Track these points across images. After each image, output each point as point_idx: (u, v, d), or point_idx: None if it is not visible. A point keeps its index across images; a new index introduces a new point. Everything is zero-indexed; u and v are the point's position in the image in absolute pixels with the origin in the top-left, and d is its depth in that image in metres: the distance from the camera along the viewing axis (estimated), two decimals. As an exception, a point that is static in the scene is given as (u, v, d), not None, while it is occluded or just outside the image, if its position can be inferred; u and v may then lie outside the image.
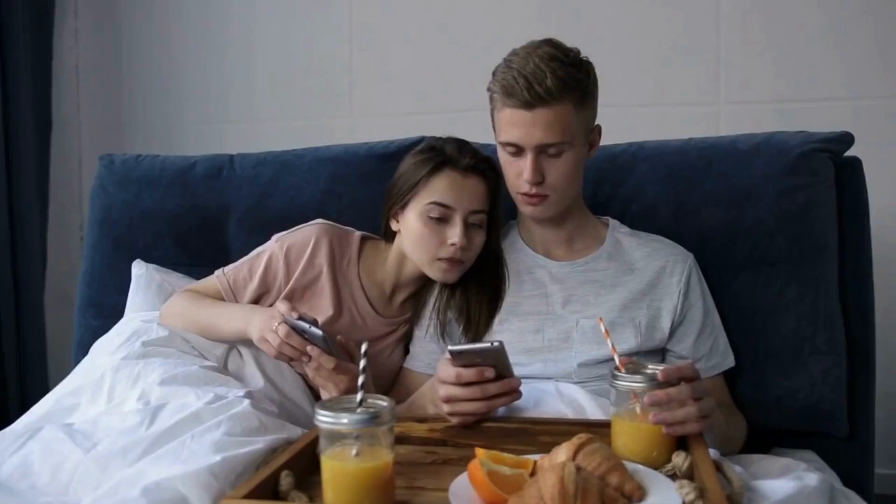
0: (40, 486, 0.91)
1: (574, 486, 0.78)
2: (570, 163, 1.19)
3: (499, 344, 1.00)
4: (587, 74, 1.19)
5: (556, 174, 1.19)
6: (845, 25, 2.25)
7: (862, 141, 1.43)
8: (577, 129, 1.18)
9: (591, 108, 1.21)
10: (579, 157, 1.21)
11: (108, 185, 1.74)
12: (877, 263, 1.45)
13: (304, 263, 1.31)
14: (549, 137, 1.16)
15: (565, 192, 1.22)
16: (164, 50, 2.79)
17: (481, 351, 1.02)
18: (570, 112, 1.16)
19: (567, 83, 1.14)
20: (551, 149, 1.17)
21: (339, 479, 0.84)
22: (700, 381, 0.98)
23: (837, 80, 2.26)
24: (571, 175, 1.20)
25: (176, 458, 0.89)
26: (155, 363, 1.13)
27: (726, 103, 2.39)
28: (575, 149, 1.19)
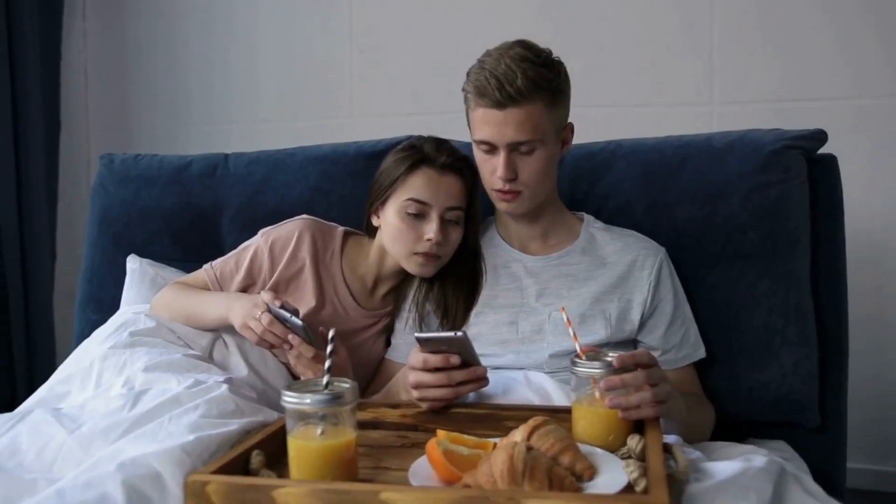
0: (26, 463, 0.97)
1: (523, 464, 0.82)
2: (542, 160, 1.23)
3: (462, 334, 1.04)
4: (558, 74, 1.23)
5: (528, 171, 1.23)
6: (842, 24, 2.27)
7: (863, 139, 1.43)
8: (549, 127, 1.22)
9: (562, 107, 1.25)
10: (551, 154, 1.25)
11: (107, 183, 1.80)
12: (852, 260, 1.48)
13: (288, 257, 1.36)
14: (521, 136, 1.20)
15: (538, 189, 1.26)
16: (169, 52, 2.86)
17: (447, 339, 1.06)
18: (541, 111, 1.20)
19: (537, 83, 1.18)
20: (523, 146, 1.22)
21: (303, 457, 0.88)
22: (657, 368, 1.01)
23: (833, 79, 2.28)
24: (544, 172, 1.24)
25: (153, 438, 0.94)
26: (141, 352, 1.19)
27: (720, 103, 2.42)
28: (546, 146, 1.23)
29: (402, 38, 2.65)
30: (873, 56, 2.24)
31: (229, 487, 0.83)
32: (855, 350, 1.48)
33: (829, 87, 2.28)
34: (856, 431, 1.52)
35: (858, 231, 1.83)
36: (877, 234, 2.20)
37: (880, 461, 2.29)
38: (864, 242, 2.12)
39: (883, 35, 2.23)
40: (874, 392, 2.21)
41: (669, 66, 2.43)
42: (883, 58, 2.23)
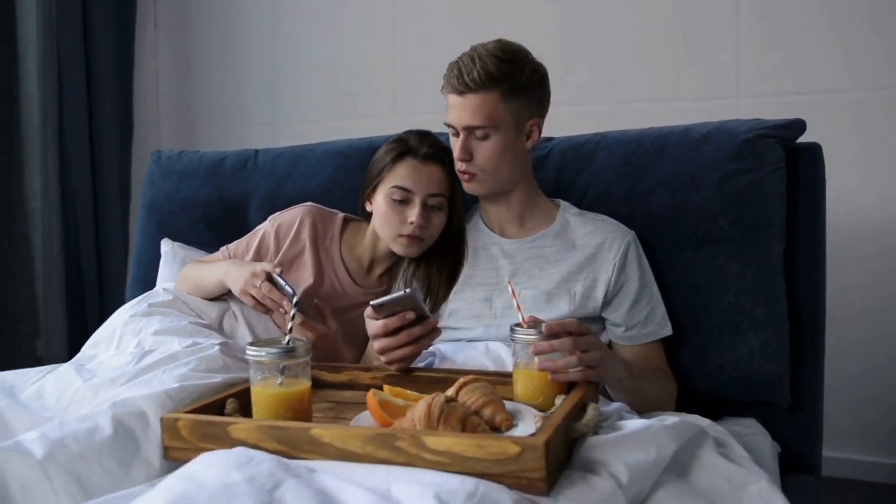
0: (48, 406, 1.15)
1: (438, 411, 0.95)
2: (497, 146, 1.34)
3: (411, 290, 1.17)
4: (520, 71, 1.32)
5: (483, 155, 1.34)
6: (872, 15, 2.26)
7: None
8: (504, 117, 1.32)
9: (523, 102, 1.34)
10: (508, 143, 1.35)
11: (155, 177, 2.02)
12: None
13: (291, 239, 1.52)
14: (475, 121, 1.32)
15: (493, 173, 1.37)
16: (229, 58, 3.10)
17: (398, 299, 1.18)
18: (497, 101, 1.31)
19: (493, 75, 1.29)
20: (478, 131, 1.33)
21: (261, 402, 1.03)
22: (588, 337, 1.10)
23: (861, 70, 2.27)
24: (498, 158, 1.35)
25: (147, 385, 1.11)
26: (154, 320, 1.37)
27: (745, 96, 2.44)
28: (501, 134, 1.33)
29: (442, 39, 2.78)
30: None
31: (195, 423, 0.98)
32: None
33: (858, 77, 2.28)
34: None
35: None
36: None
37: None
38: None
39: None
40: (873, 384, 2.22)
41: (695, 60, 2.47)
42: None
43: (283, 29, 3.01)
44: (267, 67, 3.04)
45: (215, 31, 3.13)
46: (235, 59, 3.09)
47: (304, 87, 2.98)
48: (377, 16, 2.86)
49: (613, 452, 0.92)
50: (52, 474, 0.91)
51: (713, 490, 0.97)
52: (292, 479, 0.78)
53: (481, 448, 0.85)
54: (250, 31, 3.06)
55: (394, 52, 2.84)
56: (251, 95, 3.07)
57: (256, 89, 3.05)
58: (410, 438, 0.88)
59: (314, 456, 0.91)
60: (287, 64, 3.00)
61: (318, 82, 2.97)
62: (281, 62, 3.01)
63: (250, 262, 1.44)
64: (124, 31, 3.01)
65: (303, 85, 2.99)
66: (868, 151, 2.27)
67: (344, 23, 2.92)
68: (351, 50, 2.91)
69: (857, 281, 2.26)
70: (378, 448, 0.89)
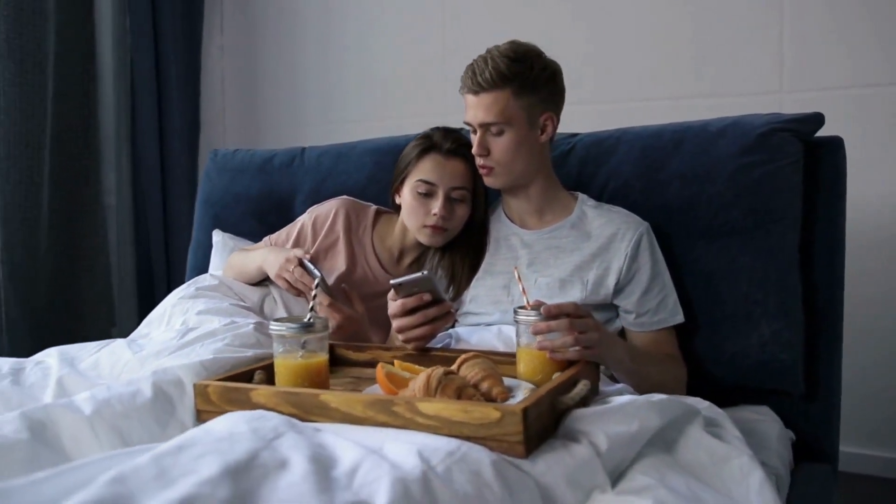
0: (102, 375, 1.30)
1: (436, 382, 1.03)
2: (511, 141, 1.41)
3: (428, 272, 1.26)
4: (530, 69, 1.40)
5: (498, 150, 1.42)
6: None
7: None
8: (517, 113, 1.40)
9: (534, 98, 1.41)
10: (521, 137, 1.42)
11: (211, 173, 2.17)
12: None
13: (326, 229, 1.63)
14: (489, 117, 1.40)
15: (509, 167, 1.44)
16: (290, 61, 3.26)
17: (416, 280, 1.27)
18: (509, 98, 1.39)
19: (504, 75, 1.37)
20: (493, 127, 1.41)
21: (282, 372, 1.14)
22: (586, 319, 1.17)
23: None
24: (513, 152, 1.42)
25: (186, 357, 1.24)
26: (200, 302, 1.50)
27: (790, 91, 2.43)
28: (515, 130, 1.41)
29: (490, 42, 2.86)
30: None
31: (222, 389, 1.10)
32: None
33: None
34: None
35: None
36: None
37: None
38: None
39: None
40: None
41: (739, 56, 2.47)
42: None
43: (336, 34, 3.15)
44: (328, 71, 3.18)
45: (275, 36, 3.29)
46: (293, 62, 3.25)
47: (356, 89, 3.11)
48: (428, 21, 2.96)
49: (596, 423, 0.99)
50: (98, 429, 1.04)
51: (695, 463, 1.03)
52: (294, 433, 0.88)
53: (467, 413, 0.93)
54: (307, 36, 3.21)
55: (443, 54, 2.94)
56: (308, 97, 3.22)
57: (312, 91, 3.20)
58: (405, 404, 0.97)
59: (323, 419, 1.02)
60: (340, 67, 3.13)
61: (370, 84, 3.09)
62: (334, 66, 3.15)
63: (285, 249, 1.56)
64: (192, 38, 3.20)
65: (355, 87, 3.12)
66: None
67: (396, 27, 3.03)
68: (402, 53, 3.02)
69: (879, 275, 2.23)
70: (377, 412, 0.99)
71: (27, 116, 2.51)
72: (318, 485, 0.73)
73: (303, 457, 0.79)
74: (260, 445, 0.80)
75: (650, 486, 0.93)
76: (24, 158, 2.50)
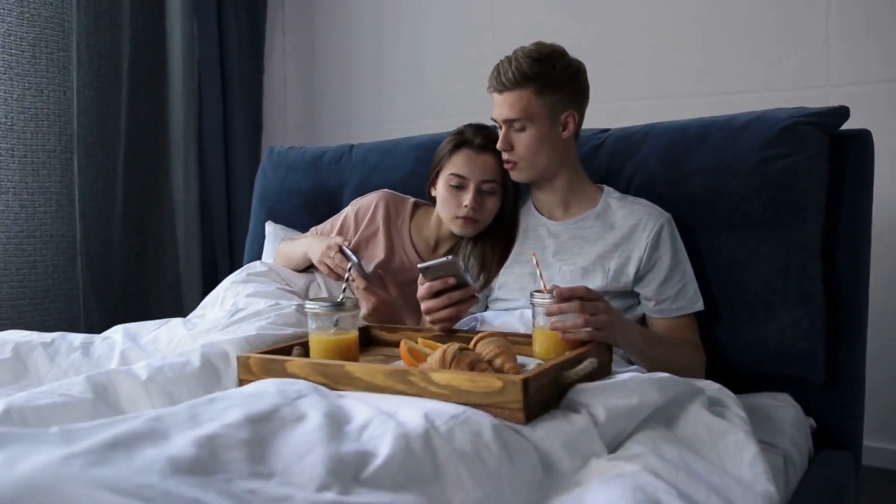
0: (160, 348, 1.44)
1: (451, 356, 1.13)
2: (533, 137, 1.49)
3: (452, 257, 1.35)
4: (552, 69, 1.47)
5: (521, 145, 1.50)
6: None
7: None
8: (538, 111, 1.48)
9: (555, 97, 1.48)
10: (543, 133, 1.50)
11: (267, 170, 2.32)
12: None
13: (367, 221, 1.75)
14: (512, 114, 1.48)
15: (532, 161, 1.52)
16: (346, 63, 3.39)
17: (442, 264, 1.36)
18: (530, 96, 1.46)
19: (526, 74, 1.45)
20: (516, 124, 1.49)
21: (316, 346, 1.25)
22: (598, 302, 1.24)
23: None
24: (535, 148, 1.50)
25: (232, 333, 1.37)
26: (250, 286, 1.64)
27: (837, 85, 2.43)
28: (536, 126, 1.49)
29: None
30: None
31: (261, 360, 1.22)
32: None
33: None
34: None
35: None
36: None
37: None
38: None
39: None
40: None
41: (786, 51, 2.47)
42: None
43: (389, 38, 3.27)
44: (375, 72, 3.31)
45: (333, 40, 3.44)
46: (349, 65, 3.39)
47: (408, 90, 3.22)
48: (477, 24, 3.05)
49: (597, 397, 1.07)
50: (151, 392, 1.17)
51: (693, 438, 1.09)
52: (317, 395, 0.98)
53: (473, 383, 1.02)
54: (361, 40, 3.34)
55: (492, 55, 3.01)
56: (362, 97, 3.35)
57: (367, 92, 3.33)
58: (420, 374, 1.07)
59: (349, 388, 1.12)
60: (393, 69, 3.26)
61: (421, 85, 3.20)
62: (387, 68, 3.27)
63: (327, 238, 1.68)
64: (255, 42, 3.37)
65: (407, 88, 3.23)
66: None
67: (446, 30, 3.13)
68: (452, 56, 3.12)
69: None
70: (396, 382, 1.09)
71: (103, 118, 2.72)
72: (328, 435, 0.83)
73: (319, 413, 0.90)
74: (283, 402, 0.91)
75: (642, 453, 0.99)
76: (100, 157, 2.71)
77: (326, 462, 0.77)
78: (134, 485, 0.54)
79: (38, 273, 2.54)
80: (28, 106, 2.46)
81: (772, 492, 0.98)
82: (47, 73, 2.51)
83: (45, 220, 2.54)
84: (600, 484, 0.93)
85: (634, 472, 0.94)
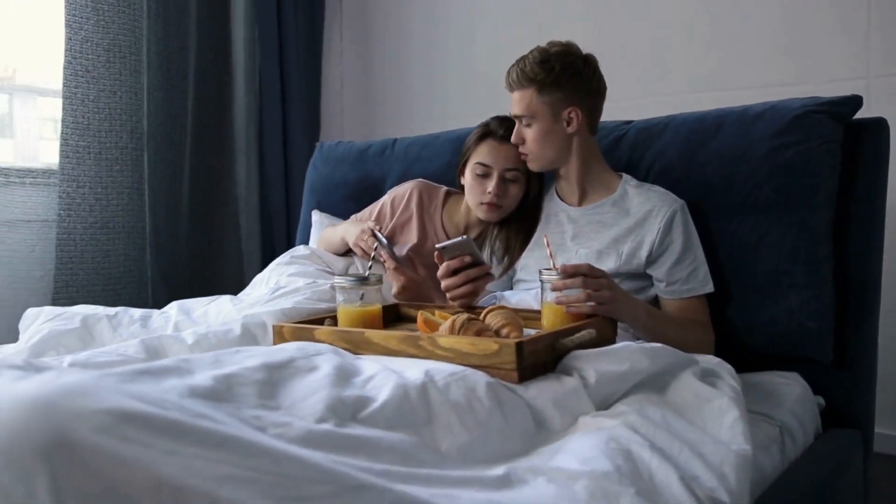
0: (209, 321, 1.60)
1: (460, 325, 1.24)
2: (538, 132, 1.60)
3: (466, 237, 1.46)
4: (551, 70, 1.57)
5: (529, 139, 1.62)
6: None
7: None
8: (540, 108, 1.58)
9: (557, 95, 1.58)
10: (546, 129, 1.60)
11: (318, 163, 2.48)
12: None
13: (402, 207, 1.87)
14: (518, 111, 1.61)
15: (539, 154, 1.63)
16: (399, 64, 3.54)
17: (457, 244, 1.47)
18: (533, 95, 1.58)
19: (527, 75, 1.56)
20: (523, 119, 1.61)
21: (343, 317, 1.39)
22: (601, 279, 1.33)
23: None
24: (540, 141, 1.61)
25: (272, 307, 1.52)
26: (292, 267, 1.79)
27: (877, 76, 2.43)
28: (540, 122, 1.59)
29: (585, 42, 3.00)
30: None
31: (293, 329, 1.36)
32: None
33: None
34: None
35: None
36: None
37: None
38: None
39: None
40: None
41: (825, 42, 2.49)
42: None
43: (440, 39, 3.40)
44: (427, 72, 3.44)
45: (387, 42, 3.59)
46: (403, 66, 3.53)
47: (458, 89, 3.35)
48: (525, 24, 3.15)
49: (590, 362, 1.16)
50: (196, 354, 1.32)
51: (680, 402, 1.17)
52: (333, 354, 1.11)
53: (473, 346, 1.13)
54: (414, 42, 3.48)
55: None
56: (415, 97, 3.49)
57: (419, 91, 3.47)
58: (428, 339, 1.18)
59: (368, 352, 1.24)
60: (444, 69, 3.38)
61: (471, 84, 3.32)
62: (438, 68, 3.40)
63: (362, 223, 1.82)
64: (314, 46, 3.55)
65: (457, 87, 3.35)
66: None
67: (494, 31, 3.24)
68: (500, 55, 3.20)
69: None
70: (408, 346, 1.20)
71: (171, 118, 2.93)
72: (334, 382, 0.96)
73: (331, 366, 1.02)
74: (300, 356, 1.03)
75: (626, 412, 1.08)
76: (168, 155, 2.92)
77: (328, 401, 0.89)
78: (155, 398, 0.67)
79: (111, 261, 2.76)
80: (103, 107, 2.68)
81: (747, 450, 1.05)
82: (120, 76, 2.73)
83: (117, 213, 2.76)
84: (580, 436, 1.02)
85: (613, 426, 1.03)
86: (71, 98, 2.60)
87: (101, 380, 0.67)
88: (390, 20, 3.57)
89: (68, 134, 2.61)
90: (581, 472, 0.89)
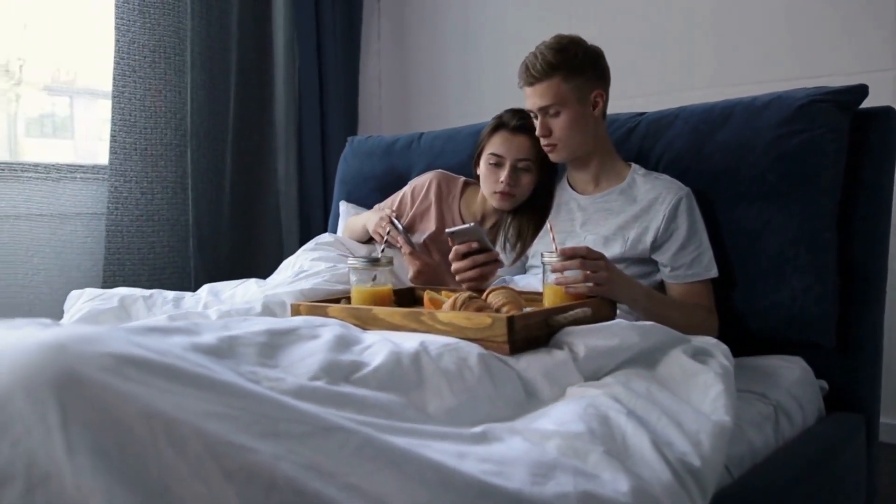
0: (236, 301, 1.70)
1: (461, 303, 1.31)
2: (568, 119, 1.64)
3: (474, 224, 1.53)
4: (574, 56, 1.62)
5: (558, 128, 1.65)
6: None
7: None
8: (569, 95, 1.62)
9: (581, 79, 1.63)
10: (577, 114, 1.64)
11: (348, 157, 2.58)
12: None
13: (421, 198, 1.96)
14: (544, 102, 1.64)
15: (569, 141, 1.67)
16: (434, 63, 3.63)
17: (465, 230, 1.55)
18: (560, 83, 1.62)
19: (552, 64, 1.60)
20: (550, 109, 1.64)
21: (356, 297, 1.47)
22: (599, 261, 1.39)
23: None
24: (571, 128, 1.65)
25: (292, 287, 1.61)
26: (316, 252, 1.89)
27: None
28: (569, 109, 1.63)
29: (614, 39, 3.05)
30: None
31: (309, 307, 1.45)
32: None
33: None
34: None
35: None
36: None
37: None
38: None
39: None
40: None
41: (850, 35, 2.48)
42: None
43: (473, 39, 3.48)
44: (461, 71, 3.52)
45: (423, 42, 3.68)
46: (438, 65, 3.62)
47: (491, 87, 3.42)
48: (555, 23, 3.19)
49: (581, 337, 1.22)
50: (219, 329, 1.42)
51: (668, 376, 1.22)
52: (339, 326, 1.20)
53: (469, 320, 1.21)
54: (449, 41, 3.56)
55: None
56: (450, 94, 3.57)
57: (454, 89, 3.55)
58: (428, 314, 1.26)
59: (375, 327, 1.33)
60: (478, 68, 3.46)
61: (504, 82, 3.36)
62: (473, 67, 3.48)
63: (382, 211, 1.90)
64: (351, 45, 3.66)
65: (490, 85, 3.42)
66: None
67: (525, 31, 3.30)
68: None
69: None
70: (410, 321, 1.29)
71: (214, 115, 3.07)
72: (332, 347, 1.04)
73: (332, 334, 1.11)
74: (304, 325, 1.12)
75: (611, 383, 1.14)
76: (210, 151, 3.06)
77: (323, 363, 0.98)
78: (159, 348, 0.77)
79: (156, 252, 2.91)
80: (148, 105, 2.83)
81: (726, 421, 1.10)
82: (165, 75, 2.88)
83: (162, 206, 2.91)
84: (564, 403, 1.09)
85: (595, 395, 1.09)
86: (119, 97, 2.76)
87: (112, 331, 0.77)
88: (426, 19, 3.66)
89: (117, 132, 2.76)
90: (555, 432, 0.96)
